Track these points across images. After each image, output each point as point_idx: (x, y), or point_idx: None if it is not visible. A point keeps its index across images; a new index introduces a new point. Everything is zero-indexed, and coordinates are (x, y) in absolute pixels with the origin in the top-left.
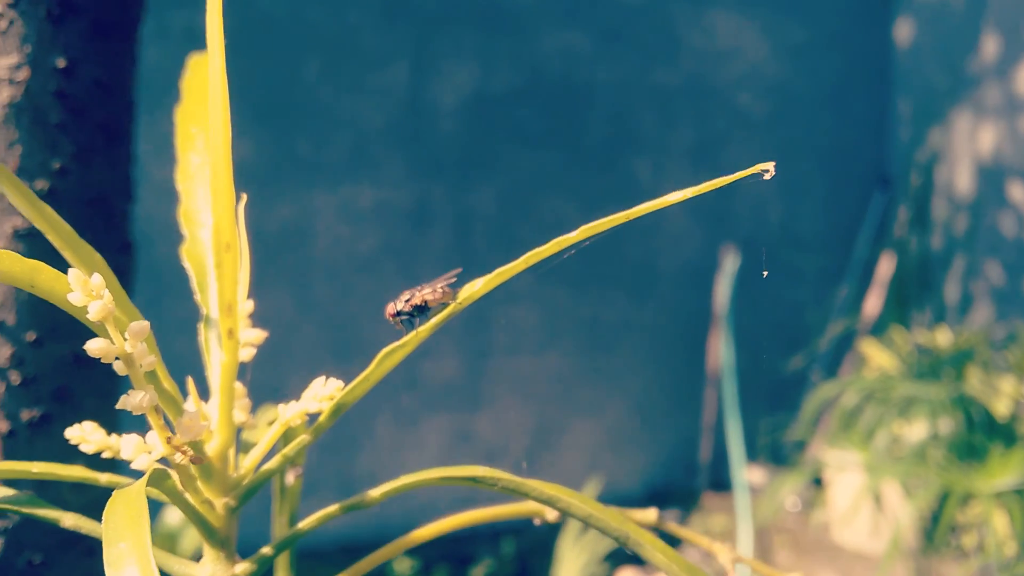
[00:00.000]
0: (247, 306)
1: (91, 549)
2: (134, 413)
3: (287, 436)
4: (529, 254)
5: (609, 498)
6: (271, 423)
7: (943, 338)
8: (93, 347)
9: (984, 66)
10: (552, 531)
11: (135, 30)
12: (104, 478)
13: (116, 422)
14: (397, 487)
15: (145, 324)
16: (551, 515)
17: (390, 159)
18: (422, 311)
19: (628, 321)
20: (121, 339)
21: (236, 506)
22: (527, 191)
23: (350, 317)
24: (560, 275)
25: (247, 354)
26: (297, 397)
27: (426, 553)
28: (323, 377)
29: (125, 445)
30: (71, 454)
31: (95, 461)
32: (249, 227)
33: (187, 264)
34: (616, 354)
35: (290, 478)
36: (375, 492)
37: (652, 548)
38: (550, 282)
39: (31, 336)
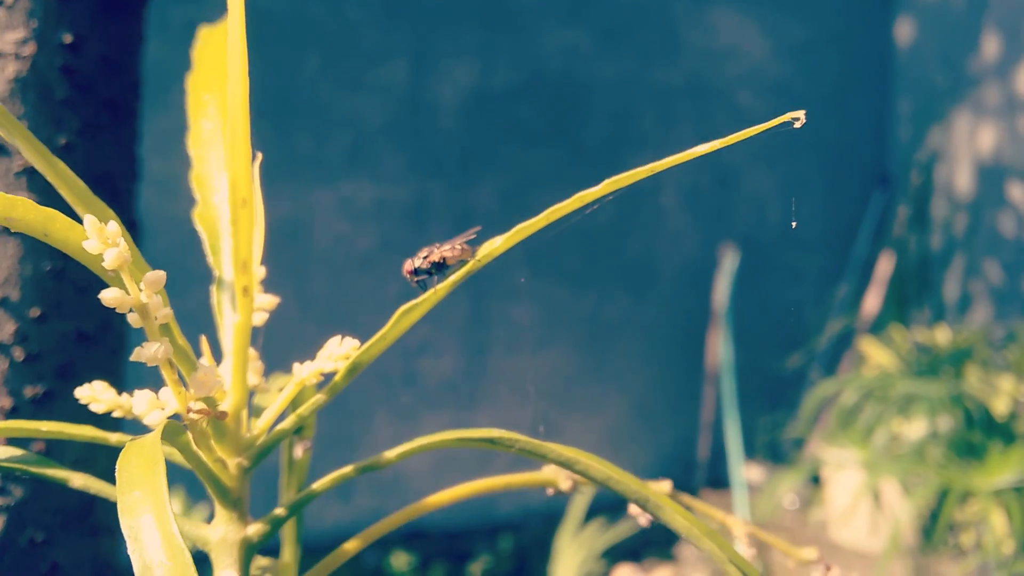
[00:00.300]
0: (260, 271)
1: (94, 528)
2: (148, 364)
3: (300, 400)
4: (551, 209)
5: (607, 496)
6: (282, 388)
7: (942, 337)
8: (108, 296)
9: (984, 66)
10: (550, 528)
11: (142, 7)
12: (114, 437)
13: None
14: (413, 448)
15: (161, 274)
16: (565, 484)
17: (390, 156)
18: (440, 268)
19: (627, 319)
20: (136, 289)
21: (249, 466)
22: (527, 189)
23: (349, 314)
24: (559, 272)
25: (259, 319)
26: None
27: (424, 549)
28: (338, 336)
29: (137, 400)
30: None
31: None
32: None
33: (199, 227)
34: (615, 352)
35: (299, 451)
36: (391, 453)
37: (672, 512)
38: (549, 279)
39: (35, 312)
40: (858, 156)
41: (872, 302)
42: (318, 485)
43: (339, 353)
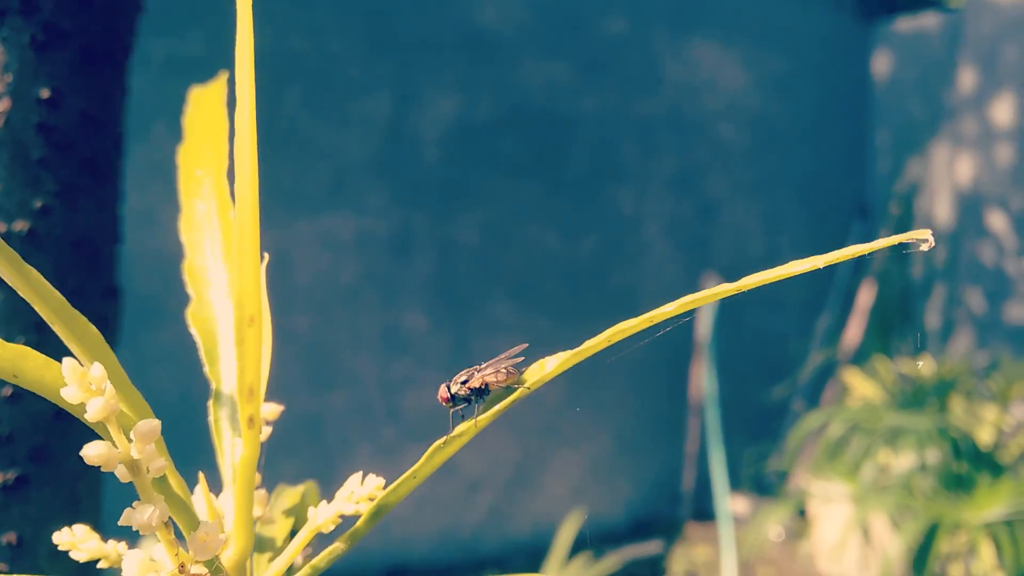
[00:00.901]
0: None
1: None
2: (142, 533)
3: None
4: (613, 330)
5: (593, 528)
6: (287, 512)
7: (926, 368)
8: (91, 454)
9: (961, 98)
10: (534, 563)
11: (125, 59)
12: None
13: (101, 487)
14: None
15: (155, 424)
16: None
17: (372, 189)
18: (481, 395)
19: (611, 351)
20: (125, 441)
21: None
22: (509, 221)
23: (331, 347)
24: (542, 303)
25: (263, 434)
26: (278, 430)
27: None
28: (359, 474)
29: (127, 565)
30: (50, 519)
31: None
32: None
33: (194, 330)
34: (599, 384)
35: (299, 560)
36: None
37: None
38: (532, 311)
39: (6, 391)
40: (837, 187)
41: (854, 332)
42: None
43: (362, 494)
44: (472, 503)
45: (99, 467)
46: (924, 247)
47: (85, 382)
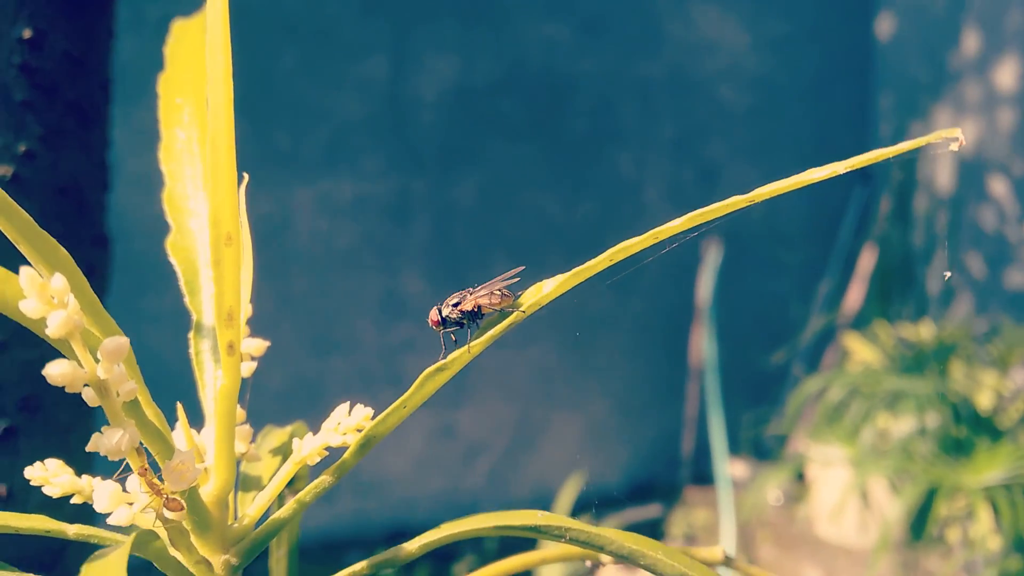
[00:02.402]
0: (247, 310)
1: None
2: (111, 458)
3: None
4: (615, 249)
5: (592, 493)
6: (275, 451)
7: (926, 332)
8: (54, 372)
9: (965, 61)
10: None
11: (110, 1)
12: (73, 530)
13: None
14: (439, 539)
15: (123, 341)
16: (605, 558)
17: (370, 152)
18: (474, 318)
19: (611, 315)
20: (92, 361)
21: (239, 564)
22: (508, 184)
23: (329, 312)
24: (541, 266)
25: (247, 368)
26: (277, 395)
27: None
28: (347, 404)
29: (98, 494)
30: None
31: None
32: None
33: (174, 260)
34: (599, 348)
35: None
36: (411, 546)
37: None
38: (531, 274)
39: None
40: (839, 151)
41: (855, 297)
42: None
43: (349, 424)
44: (472, 467)
45: (88, 418)
46: (954, 147)
47: (46, 294)
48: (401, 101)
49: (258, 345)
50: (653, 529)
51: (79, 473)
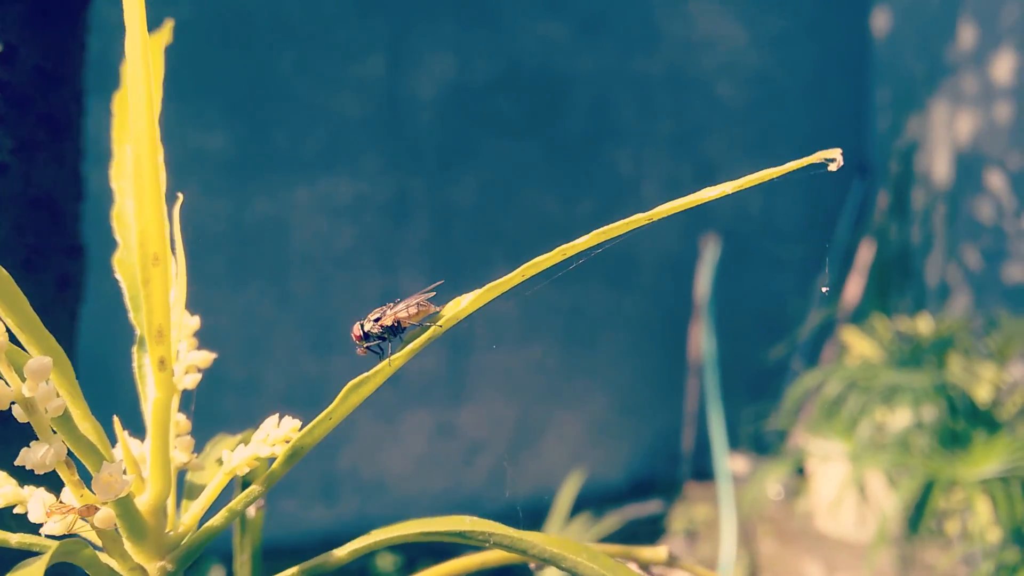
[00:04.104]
0: (192, 322)
1: None
2: (36, 472)
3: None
4: (526, 265)
5: (592, 490)
6: (220, 460)
7: (924, 326)
8: None
9: (961, 54)
10: (535, 524)
11: (82, 13)
12: (15, 539)
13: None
14: (367, 544)
15: (46, 361)
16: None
17: (368, 152)
18: (395, 332)
19: (609, 312)
20: (17, 379)
21: (174, 570)
22: (506, 183)
23: (328, 311)
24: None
25: (191, 380)
26: (277, 394)
27: (408, 549)
28: (275, 416)
29: (32, 505)
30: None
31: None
32: (225, 221)
33: (120, 276)
34: (598, 345)
35: (251, 511)
36: (341, 552)
37: None
38: (536, 275)
39: None
40: (837, 145)
41: (853, 291)
42: None
43: (277, 436)
44: (472, 465)
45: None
46: (832, 167)
47: None
48: (399, 101)
49: (204, 357)
50: (654, 525)
51: (42, 482)
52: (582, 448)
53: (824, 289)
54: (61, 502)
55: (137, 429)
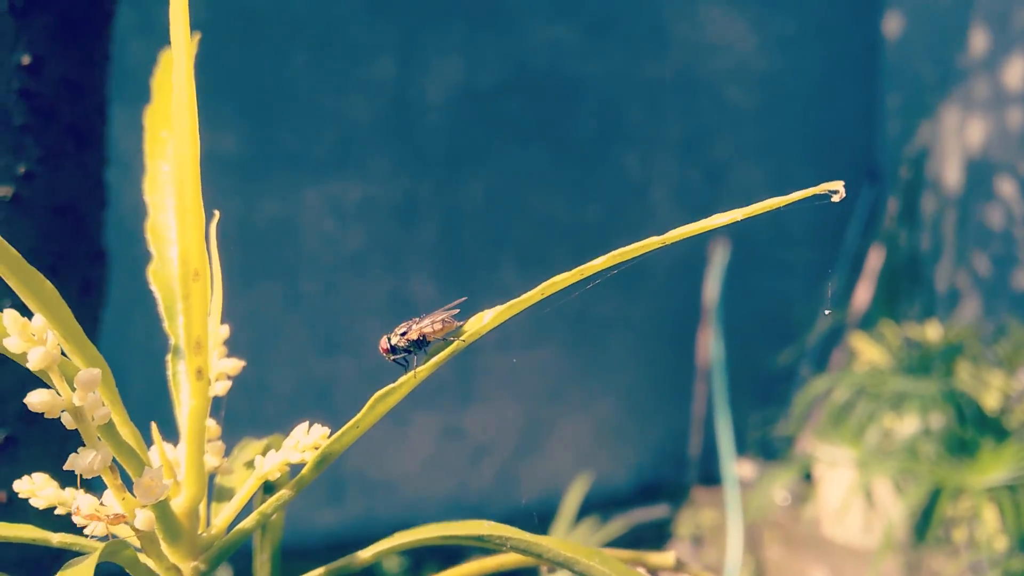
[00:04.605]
0: (222, 332)
1: None
2: (84, 476)
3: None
4: (547, 283)
5: (599, 493)
6: (249, 464)
7: (933, 332)
8: (35, 401)
9: (973, 60)
10: (541, 527)
11: (107, 26)
12: (57, 539)
13: None
14: (392, 546)
15: (96, 372)
16: None
17: (377, 154)
18: (420, 346)
19: (617, 315)
20: (68, 389)
21: (207, 570)
22: (515, 186)
23: (336, 314)
24: (548, 268)
25: (222, 387)
26: (286, 396)
27: (415, 550)
28: (306, 423)
29: (81, 506)
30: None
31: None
32: (234, 222)
33: (154, 287)
34: (606, 348)
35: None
36: (365, 553)
37: None
38: (538, 276)
39: None
40: (847, 150)
41: (862, 296)
42: None
43: (307, 443)
44: (479, 468)
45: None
46: (835, 198)
47: (27, 332)
48: (408, 103)
49: (233, 365)
50: (660, 529)
51: (75, 482)
52: (589, 451)
53: (827, 312)
54: (103, 504)
55: (146, 427)
